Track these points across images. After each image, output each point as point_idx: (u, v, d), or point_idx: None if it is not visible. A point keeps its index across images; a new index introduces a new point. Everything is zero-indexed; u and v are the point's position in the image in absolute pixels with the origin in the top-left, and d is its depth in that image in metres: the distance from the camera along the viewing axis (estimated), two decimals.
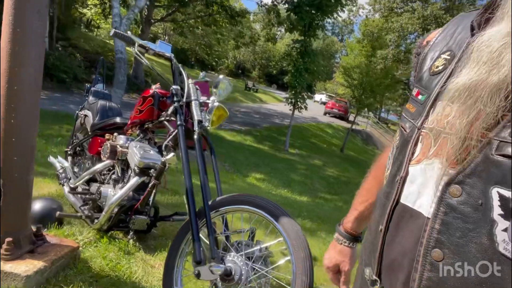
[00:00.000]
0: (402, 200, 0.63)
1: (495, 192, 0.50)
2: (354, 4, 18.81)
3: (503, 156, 0.50)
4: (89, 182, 2.53)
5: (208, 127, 2.01)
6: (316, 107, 26.34)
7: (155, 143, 2.33)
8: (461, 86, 0.56)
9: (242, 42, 23.22)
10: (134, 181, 2.06)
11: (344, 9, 12.00)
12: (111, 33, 1.95)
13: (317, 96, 37.21)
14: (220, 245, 1.66)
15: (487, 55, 0.54)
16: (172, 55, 2.12)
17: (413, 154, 0.64)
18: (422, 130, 0.63)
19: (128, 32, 2.03)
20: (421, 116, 0.65)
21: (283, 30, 17.60)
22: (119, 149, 2.24)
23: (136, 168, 2.06)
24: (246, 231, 1.73)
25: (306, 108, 12.45)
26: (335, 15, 11.67)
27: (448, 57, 0.67)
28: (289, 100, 12.11)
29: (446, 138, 0.58)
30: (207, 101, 2.07)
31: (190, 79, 2.10)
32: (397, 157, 0.68)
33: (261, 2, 16.62)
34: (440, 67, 0.67)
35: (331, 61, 50.66)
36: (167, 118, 2.09)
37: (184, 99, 2.03)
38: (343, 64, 16.69)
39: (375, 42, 15.38)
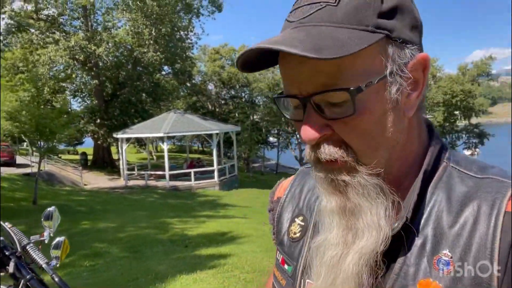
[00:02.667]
0: None
1: None
2: None
3: None
4: None
5: (57, 265, 1.99)
6: None
7: None
8: None
9: None
10: None
11: None
12: None
13: None
14: None
15: (327, 264, 0.58)
16: None
17: None
18: None
19: None
20: None
21: None
22: None
23: None
24: None
25: None
26: None
27: (303, 224, 0.71)
28: None
29: None
30: (42, 238, 2.02)
31: (6, 223, 1.95)
32: None
33: None
34: (298, 234, 0.70)
35: None
36: None
37: (19, 247, 1.89)
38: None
39: (39, 84, 14.36)
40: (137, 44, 23.72)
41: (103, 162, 27.39)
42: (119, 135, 21.80)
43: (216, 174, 20.87)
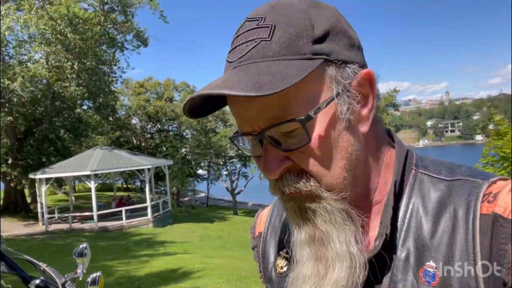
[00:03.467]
0: None
1: None
2: None
3: None
4: None
5: None
6: None
7: None
8: None
9: None
10: None
11: None
12: None
13: None
14: None
15: None
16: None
17: None
18: None
19: None
20: None
21: None
22: None
23: None
24: None
25: None
26: None
27: (287, 256, 0.69)
28: None
29: None
30: (75, 275, 2.06)
31: (40, 263, 1.97)
32: None
33: None
34: (285, 268, 0.69)
35: None
36: None
37: (60, 286, 1.93)
38: None
39: None
40: (55, 78, 22.34)
41: (16, 206, 24.57)
42: (38, 175, 19.93)
43: (149, 210, 20.05)
